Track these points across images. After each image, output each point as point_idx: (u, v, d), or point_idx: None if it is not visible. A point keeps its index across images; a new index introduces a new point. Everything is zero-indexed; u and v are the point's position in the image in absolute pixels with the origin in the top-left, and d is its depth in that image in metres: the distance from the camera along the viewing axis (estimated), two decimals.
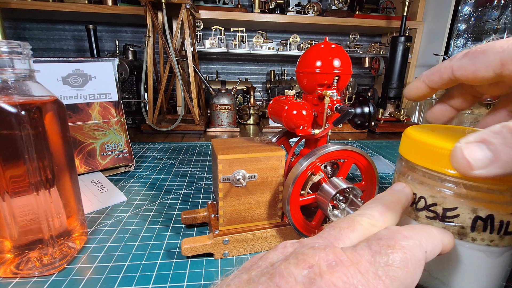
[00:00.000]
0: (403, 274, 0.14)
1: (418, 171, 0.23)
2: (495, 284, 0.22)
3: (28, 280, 0.27)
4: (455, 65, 0.22)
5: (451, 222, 0.21)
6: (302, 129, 0.29)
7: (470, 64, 0.21)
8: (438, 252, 0.17)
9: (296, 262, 0.14)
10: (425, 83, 0.25)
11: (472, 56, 0.21)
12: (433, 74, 0.24)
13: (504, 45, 0.19)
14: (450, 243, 0.18)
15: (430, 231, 0.17)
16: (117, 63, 0.50)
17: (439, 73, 0.24)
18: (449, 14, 0.97)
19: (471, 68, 0.21)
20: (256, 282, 0.14)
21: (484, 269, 0.21)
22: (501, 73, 0.20)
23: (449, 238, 0.18)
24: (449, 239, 0.18)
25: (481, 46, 0.21)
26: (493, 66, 0.20)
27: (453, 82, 0.23)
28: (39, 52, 1.15)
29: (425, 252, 0.16)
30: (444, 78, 0.23)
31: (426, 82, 0.25)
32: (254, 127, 0.98)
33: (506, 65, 0.19)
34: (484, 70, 0.20)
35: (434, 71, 0.24)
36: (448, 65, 0.23)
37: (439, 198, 0.21)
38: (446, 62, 0.23)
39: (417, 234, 0.16)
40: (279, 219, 0.32)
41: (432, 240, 0.17)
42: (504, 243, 0.20)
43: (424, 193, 0.22)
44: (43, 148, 0.26)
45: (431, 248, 0.16)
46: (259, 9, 1.07)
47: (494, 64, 0.20)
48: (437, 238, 0.17)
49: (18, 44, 0.25)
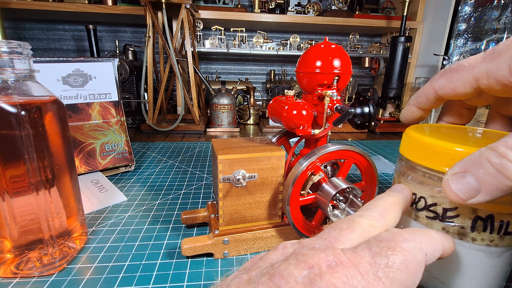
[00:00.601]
0: (403, 276, 0.14)
1: (418, 171, 0.22)
2: (495, 284, 0.22)
3: (28, 280, 0.27)
4: (435, 85, 0.23)
5: (451, 222, 0.21)
6: (302, 129, 0.29)
7: (448, 83, 0.22)
8: (439, 255, 0.17)
9: (296, 263, 0.14)
10: (415, 106, 0.26)
11: (448, 76, 0.22)
12: (419, 97, 0.25)
13: (472, 62, 0.21)
14: (451, 247, 0.18)
15: (431, 234, 0.17)
16: (117, 63, 0.50)
17: (424, 95, 0.25)
18: (449, 14, 0.97)
19: (450, 87, 0.22)
20: (256, 282, 0.14)
21: (484, 269, 0.21)
22: (478, 87, 0.21)
23: (450, 242, 0.18)
24: (450, 243, 0.18)
25: (454, 65, 0.22)
26: (468, 82, 0.21)
27: (440, 101, 0.24)
28: (39, 52, 1.15)
29: (426, 255, 0.16)
30: (430, 98, 0.24)
31: (416, 105, 0.26)
32: (254, 127, 0.98)
33: (480, 80, 0.20)
34: (462, 87, 0.22)
35: (419, 94, 0.25)
36: (430, 87, 0.24)
37: (439, 198, 0.21)
38: (428, 84, 0.24)
39: (418, 237, 0.16)
40: (279, 219, 0.32)
41: (432, 243, 0.17)
42: (504, 243, 0.20)
43: (424, 193, 0.22)
44: (43, 148, 0.26)
45: (432, 251, 0.16)
46: (259, 9, 1.07)
47: (469, 81, 0.21)
48: (438, 242, 0.17)
49: (18, 44, 0.25)
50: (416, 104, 0.26)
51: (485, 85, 0.20)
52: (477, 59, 0.20)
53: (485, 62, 0.20)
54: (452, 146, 0.19)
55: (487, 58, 0.20)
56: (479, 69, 0.20)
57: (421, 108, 0.26)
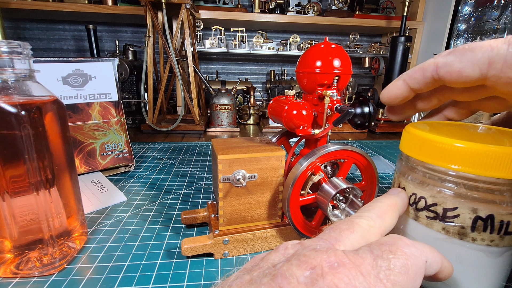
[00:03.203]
0: (403, 280, 0.14)
1: (418, 171, 0.22)
2: (495, 284, 0.22)
3: (28, 280, 0.27)
4: (440, 62, 0.21)
5: (451, 222, 0.21)
6: (302, 129, 0.29)
7: (457, 61, 0.21)
8: (437, 268, 0.17)
9: (298, 264, 0.14)
10: (405, 82, 0.24)
11: (459, 53, 0.21)
12: (415, 72, 0.23)
13: (493, 43, 0.19)
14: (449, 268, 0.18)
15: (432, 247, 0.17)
16: (117, 63, 0.50)
17: (422, 71, 0.23)
18: (449, 14, 0.97)
19: (457, 66, 0.20)
20: (258, 283, 0.14)
21: (484, 269, 0.21)
22: (487, 73, 0.19)
23: (449, 264, 0.18)
24: (449, 264, 0.18)
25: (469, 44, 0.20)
26: (480, 64, 0.19)
27: (435, 83, 0.22)
28: (39, 52, 1.15)
29: (426, 262, 0.16)
30: (427, 76, 0.22)
31: (408, 81, 0.24)
32: (254, 127, 0.98)
33: (494, 63, 0.19)
34: (470, 68, 0.20)
35: (416, 69, 0.23)
36: (432, 62, 0.22)
37: (439, 198, 0.21)
38: (431, 60, 0.22)
39: (419, 244, 0.16)
40: (279, 219, 0.32)
41: (433, 253, 0.17)
42: (504, 243, 0.20)
43: (424, 193, 0.22)
44: (43, 148, 0.26)
45: (432, 259, 0.16)
46: (259, 9, 1.07)
47: (482, 62, 0.19)
48: (438, 255, 0.17)
49: (18, 44, 0.25)
50: (408, 79, 0.24)
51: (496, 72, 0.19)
52: (497, 42, 0.19)
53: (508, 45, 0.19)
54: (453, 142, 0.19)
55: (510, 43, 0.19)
56: (499, 51, 0.19)
57: (411, 87, 0.24)
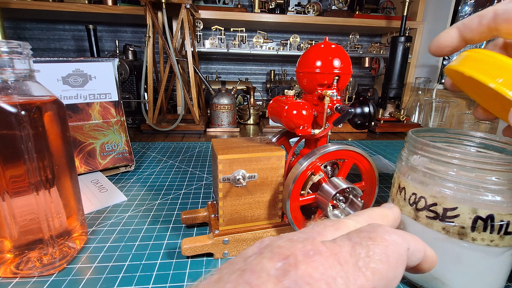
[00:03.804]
0: (384, 267, 0.13)
1: (418, 171, 0.22)
2: (495, 284, 0.22)
3: (28, 280, 0.27)
4: (500, 9, 0.20)
5: (451, 222, 0.21)
6: (302, 129, 0.29)
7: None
8: (420, 257, 0.16)
9: (270, 256, 0.13)
10: (459, 30, 0.23)
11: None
12: (471, 19, 0.22)
13: None
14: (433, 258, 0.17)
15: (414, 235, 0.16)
16: (117, 63, 0.50)
17: (478, 18, 0.22)
18: (449, 14, 0.97)
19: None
20: (225, 281, 0.12)
21: (484, 269, 0.21)
22: None
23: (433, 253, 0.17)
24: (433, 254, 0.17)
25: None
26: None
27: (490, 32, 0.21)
28: (39, 52, 1.15)
29: (408, 249, 0.15)
30: (483, 24, 0.21)
31: (461, 29, 0.23)
32: (254, 127, 0.98)
33: None
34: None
35: (473, 16, 0.22)
36: (491, 9, 0.21)
37: (439, 198, 0.21)
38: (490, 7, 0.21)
39: (400, 232, 0.15)
40: (279, 219, 0.32)
41: (415, 240, 0.16)
42: (504, 243, 0.20)
43: (424, 193, 0.22)
44: (43, 148, 0.26)
45: (414, 247, 0.15)
46: (259, 9, 1.07)
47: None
48: (421, 243, 0.16)
49: (18, 44, 0.25)
50: (462, 27, 0.23)
51: None
52: None
53: None
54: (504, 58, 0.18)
55: None
56: None
57: (464, 36, 0.23)
